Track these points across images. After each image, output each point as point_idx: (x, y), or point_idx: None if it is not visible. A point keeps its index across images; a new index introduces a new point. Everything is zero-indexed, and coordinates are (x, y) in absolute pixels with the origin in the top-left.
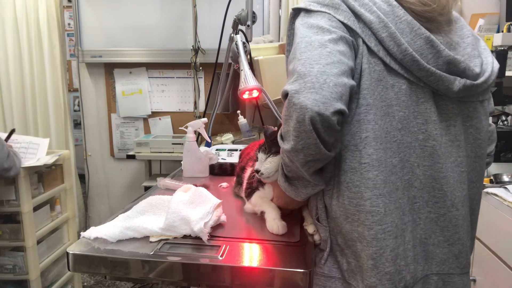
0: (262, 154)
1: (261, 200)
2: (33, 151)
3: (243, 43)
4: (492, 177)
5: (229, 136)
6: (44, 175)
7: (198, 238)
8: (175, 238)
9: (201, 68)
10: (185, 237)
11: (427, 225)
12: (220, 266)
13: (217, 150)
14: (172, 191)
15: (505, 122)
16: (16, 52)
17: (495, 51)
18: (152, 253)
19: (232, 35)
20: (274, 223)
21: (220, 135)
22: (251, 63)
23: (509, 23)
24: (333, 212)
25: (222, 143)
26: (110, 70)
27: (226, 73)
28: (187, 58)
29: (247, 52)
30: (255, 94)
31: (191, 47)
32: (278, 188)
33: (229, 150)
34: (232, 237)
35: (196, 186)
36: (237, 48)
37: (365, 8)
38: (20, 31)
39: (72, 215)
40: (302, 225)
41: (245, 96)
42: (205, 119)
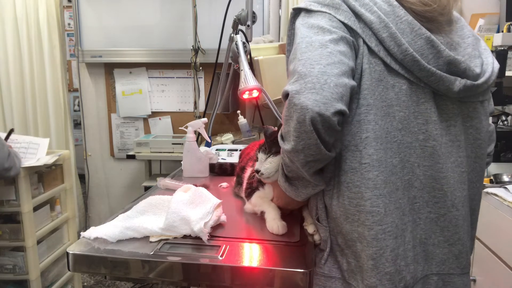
0: (262, 154)
1: (261, 200)
2: (33, 151)
3: (243, 43)
4: (492, 177)
5: (229, 136)
6: (44, 175)
7: (198, 238)
8: (175, 238)
9: (201, 68)
10: (185, 237)
11: (427, 225)
12: (220, 266)
13: (217, 150)
14: (172, 191)
15: (505, 122)
16: (16, 52)
17: (495, 51)
18: (152, 253)
19: (232, 35)
20: (274, 223)
21: (220, 135)
22: (251, 63)
23: (509, 23)
24: (333, 212)
25: (222, 143)
26: (110, 70)
27: (226, 73)
28: (187, 58)
29: (247, 52)
30: (255, 94)
31: (191, 47)
32: (278, 188)
33: (229, 150)
34: (232, 237)
35: (196, 186)
36: (237, 48)
37: (365, 8)
38: (20, 31)
39: (72, 215)
40: (302, 225)
41: (245, 96)
42: (205, 119)
